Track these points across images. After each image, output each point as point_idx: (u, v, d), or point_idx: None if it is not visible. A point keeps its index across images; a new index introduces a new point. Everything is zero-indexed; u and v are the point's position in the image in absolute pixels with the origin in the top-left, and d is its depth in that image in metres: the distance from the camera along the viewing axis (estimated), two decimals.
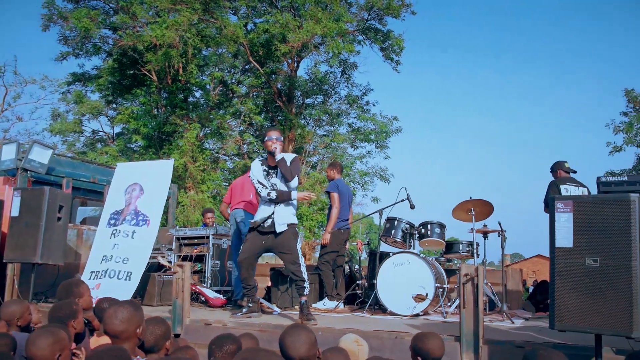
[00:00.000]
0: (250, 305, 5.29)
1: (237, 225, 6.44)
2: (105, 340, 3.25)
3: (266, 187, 5.19)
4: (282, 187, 5.19)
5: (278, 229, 5.14)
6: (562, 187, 5.97)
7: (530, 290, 16.17)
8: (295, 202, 5.33)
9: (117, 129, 23.89)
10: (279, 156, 5.15)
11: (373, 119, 21.52)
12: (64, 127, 23.61)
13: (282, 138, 5.33)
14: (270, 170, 5.28)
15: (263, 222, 5.19)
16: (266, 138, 5.30)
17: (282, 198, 5.17)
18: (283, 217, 5.18)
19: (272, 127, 6.03)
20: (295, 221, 5.30)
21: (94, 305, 3.73)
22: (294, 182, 5.18)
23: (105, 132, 24.76)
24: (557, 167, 6.30)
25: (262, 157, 5.52)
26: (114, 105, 22.56)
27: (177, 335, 4.89)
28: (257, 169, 5.34)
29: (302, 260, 5.18)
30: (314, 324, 4.66)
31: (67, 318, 3.50)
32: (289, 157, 5.31)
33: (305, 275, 5.12)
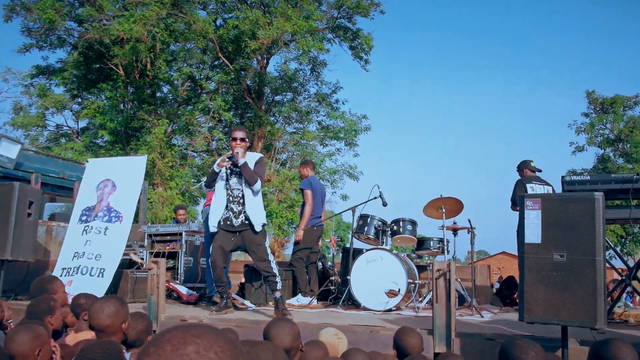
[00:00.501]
0: (225, 301, 5.29)
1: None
2: (84, 336, 3.25)
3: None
4: (237, 187, 5.15)
5: (257, 229, 5.09)
6: (528, 185, 6.20)
7: (496, 287, 16.60)
8: (260, 199, 5.25)
9: (82, 124, 23.41)
10: (241, 161, 5.03)
11: (342, 117, 21.67)
12: (26, 120, 22.99)
13: (247, 138, 5.17)
14: (234, 169, 5.17)
15: (232, 221, 5.13)
16: (231, 138, 5.21)
17: (246, 175, 5.07)
18: (258, 216, 5.13)
19: (238, 125, 5.82)
20: (265, 221, 5.28)
21: (69, 302, 3.71)
22: (257, 186, 5.11)
23: (69, 127, 24.21)
24: (523, 166, 6.54)
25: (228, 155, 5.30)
26: (79, 100, 22.09)
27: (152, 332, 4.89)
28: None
29: (271, 256, 5.18)
30: (290, 319, 4.72)
31: (44, 314, 3.48)
32: (255, 157, 5.22)
33: (276, 270, 5.12)
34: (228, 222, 5.16)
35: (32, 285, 4.03)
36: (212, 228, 5.18)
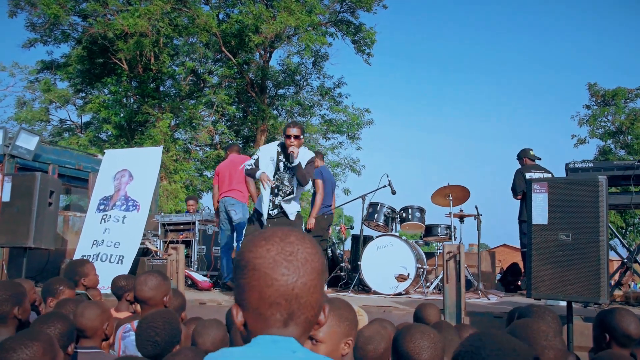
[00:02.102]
0: None
1: (227, 212, 6.57)
2: (124, 315, 3.47)
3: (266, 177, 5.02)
4: (287, 184, 5.14)
5: (291, 217, 5.15)
6: (527, 174, 6.37)
7: (498, 277, 16.85)
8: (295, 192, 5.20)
9: (85, 119, 23.56)
10: (295, 161, 4.94)
11: (345, 110, 21.83)
12: (30, 115, 23.14)
13: (302, 135, 5.04)
14: (287, 164, 5.11)
15: (270, 212, 5.18)
16: (285, 135, 5.02)
17: (250, 172, 5.10)
18: (292, 207, 5.18)
19: (293, 121, 5.59)
20: (300, 209, 5.30)
21: (111, 284, 3.92)
22: (308, 186, 5.10)
23: (72, 122, 24.37)
24: (522, 155, 6.71)
25: (282, 143, 5.21)
26: (83, 94, 22.24)
27: None
28: (272, 153, 5.15)
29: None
30: None
31: (77, 275, 3.80)
32: (307, 156, 5.10)
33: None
34: (268, 213, 5.19)
35: (63, 269, 4.24)
36: (264, 222, 5.19)
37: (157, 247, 7.08)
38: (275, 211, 5.23)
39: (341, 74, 34.63)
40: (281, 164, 5.17)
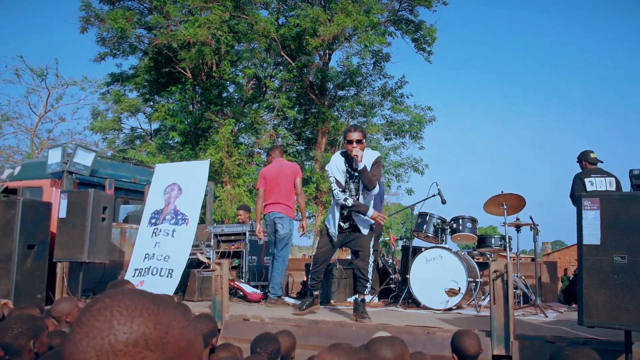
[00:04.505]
0: (312, 299, 5.26)
1: (274, 225, 6.27)
2: None
3: (344, 191, 4.91)
4: (355, 194, 4.97)
5: (364, 232, 5.02)
6: (586, 180, 5.86)
7: (571, 279, 15.98)
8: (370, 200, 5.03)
9: (155, 126, 24.47)
10: (360, 165, 4.72)
11: (407, 110, 21.42)
12: (104, 125, 24.28)
13: (364, 138, 4.85)
14: (353, 173, 4.91)
15: (342, 224, 5.08)
16: (346, 140, 4.80)
17: (358, 209, 4.87)
18: (365, 221, 5.02)
19: (353, 125, 5.43)
20: (373, 222, 5.10)
21: None
22: (375, 190, 4.86)
23: (143, 129, 25.36)
24: (582, 159, 6.17)
25: (343, 151, 5.02)
26: (151, 103, 23.11)
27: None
28: (338, 165, 4.96)
29: (371, 259, 5.01)
30: (369, 322, 4.68)
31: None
32: (372, 157, 4.91)
33: (369, 276, 4.97)
34: (340, 223, 5.09)
35: (106, 289, 4.31)
36: (333, 237, 5.14)
37: (208, 258, 7.16)
38: (347, 224, 5.07)
39: (402, 73, 34.15)
40: (347, 176, 4.98)
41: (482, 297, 6.02)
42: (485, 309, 5.57)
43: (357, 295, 5.04)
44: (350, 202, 4.85)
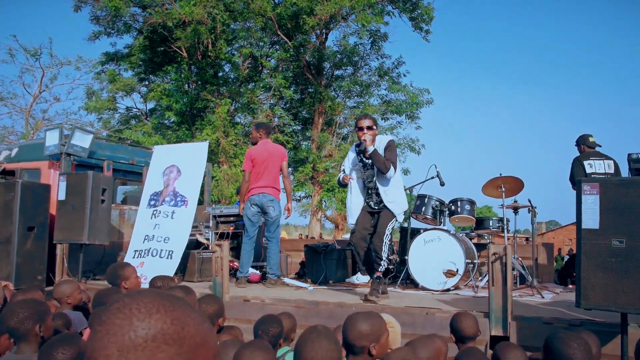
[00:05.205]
0: (379, 281, 5.07)
1: (265, 208, 6.16)
2: None
3: (344, 175, 5.10)
4: (371, 180, 5.06)
5: (395, 211, 5.03)
6: (585, 162, 5.86)
7: (566, 259, 16.15)
8: (395, 186, 5.10)
9: (150, 105, 24.33)
10: (370, 149, 4.87)
11: (404, 89, 21.35)
12: (99, 105, 24.11)
13: (375, 125, 5.01)
14: (365, 162, 5.08)
15: (372, 205, 5.11)
16: (357, 128, 5.01)
17: (373, 157, 4.90)
18: (398, 205, 5.05)
19: (363, 113, 5.44)
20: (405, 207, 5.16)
21: (148, 285, 4.01)
22: (391, 173, 4.93)
23: (138, 109, 25.22)
24: (581, 142, 6.16)
25: (357, 145, 5.22)
26: (147, 82, 22.94)
27: None
28: (350, 156, 5.17)
29: (387, 239, 5.02)
30: (374, 302, 4.69)
31: (119, 279, 3.93)
32: (384, 141, 5.02)
33: (384, 254, 4.99)
34: (371, 205, 5.15)
35: (107, 272, 4.35)
36: (351, 225, 5.18)
37: (208, 239, 7.19)
38: (376, 205, 5.12)
39: (399, 52, 33.92)
40: (361, 165, 5.09)
41: (480, 278, 6.09)
42: (483, 290, 5.64)
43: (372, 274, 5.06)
44: (342, 181, 5.07)
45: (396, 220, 5.10)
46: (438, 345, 2.70)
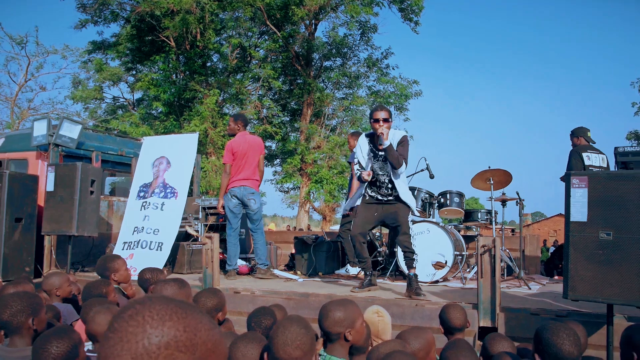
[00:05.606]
0: (369, 278, 5.14)
1: (242, 200, 6.15)
2: None
3: (363, 171, 4.92)
4: (381, 172, 5.00)
5: (408, 201, 4.98)
6: (584, 154, 5.91)
7: (551, 250, 16.34)
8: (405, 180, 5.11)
9: (138, 95, 24.13)
10: (386, 143, 4.81)
11: (393, 81, 21.37)
12: (85, 94, 23.88)
13: (390, 117, 4.92)
14: (377, 152, 4.99)
15: (379, 197, 5.03)
16: (372, 119, 4.90)
17: (392, 158, 4.85)
18: (411, 199, 5.04)
19: (379, 105, 5.39)
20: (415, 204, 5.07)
21: (137, 277, 4.00)
22: (402, 168, 4.91)
23: (125, 99, 25.01)
24: (579, 134, 6.17)
25: (368, 133, 5.13)
26: (134, 72, 22.73)
27: None
28: (362, 147, 5.04)
29: (412, 232, 5.02)
30: (424, 298, 4.62)
31: (109, 271, 3.94)
32: (398, 135, 4.97)
33: (415, 247, 4.99)
34: (375, 197, 5.06)
35: (97, 264, 4.34)
36: (344, 211, 5.14)
37: (197, 231, 7.18)
38: (388, 198, 5.02)
39: (388, 44, 33.89)
40: (372, 155, 5.01)
41: (468, 270, 6.16)
42: (471, 282, 5.71)
43: (408, 272, 4.98)
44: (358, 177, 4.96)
45: (412, 214, 5.06)
46: (430, 337, 2.73)
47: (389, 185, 5.00)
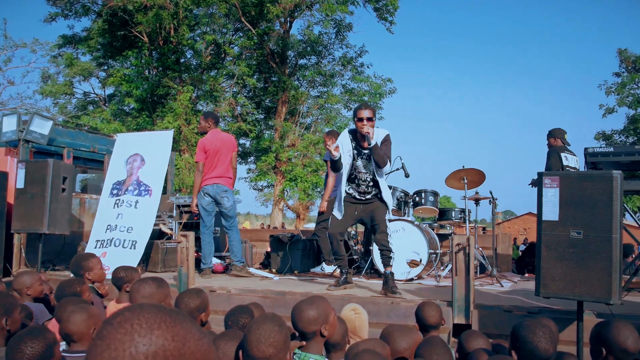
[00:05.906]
0: (345, 276, 5.16)
1: (215, 198, 6.13)
2: (123, 306, 3.47)
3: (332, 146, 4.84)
4: (364, 170, 5.01)
5: (387, 201, 5.01)
6: (562, 154, 6.03)
7: (521, 249, 16.64)
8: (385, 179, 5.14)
9: (109, 91, 23.72)
10: (372, 142, 4.78)
11: (367, 80, 21.48)
12: (55, 89, 23.36)
13: (374, 117, 4.89)
14: (362, 150, 4.97)
15: (359, 196, 5.04)
16: (356, 118, 4.84)
17: (377, 157, 4.84)
18: (388, 195, 5.06)
19: (363, 103, 5.31)
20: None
21: (111, 276, 3.94)
22: (387, 167, 4.93)
23: (96, 94, 24.56)
24: (557, 135, 6.25)
25: (351, 129, 5.08)
26: (105, 67, 22.34)
27: None
28: (345, 144, 4.98)
29: (389, 230, 5.05)
30: (399, 296, 4.66)
31: (83, 269, 3.89)
32: (381, 134, 4.93)
33: (391, 246, 5.01)
34: (353, 195, 5.05)
35: (70, 263, 4.26)
36: (338, 215, 5.07)
37: (171, 229, 7.11)
38: (368, 195, 5.03)
39: (363, 42, 34.03)
40: (355, 153, 4.98)
41: (442, 268, 6.24)
42: (445, 280, 5.79)
43: (384, 270, 4.99)
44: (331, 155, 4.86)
45: (387, 212, 5.09)
46: (417, 337, 2.79)
47: (371, 184, 5.01)
